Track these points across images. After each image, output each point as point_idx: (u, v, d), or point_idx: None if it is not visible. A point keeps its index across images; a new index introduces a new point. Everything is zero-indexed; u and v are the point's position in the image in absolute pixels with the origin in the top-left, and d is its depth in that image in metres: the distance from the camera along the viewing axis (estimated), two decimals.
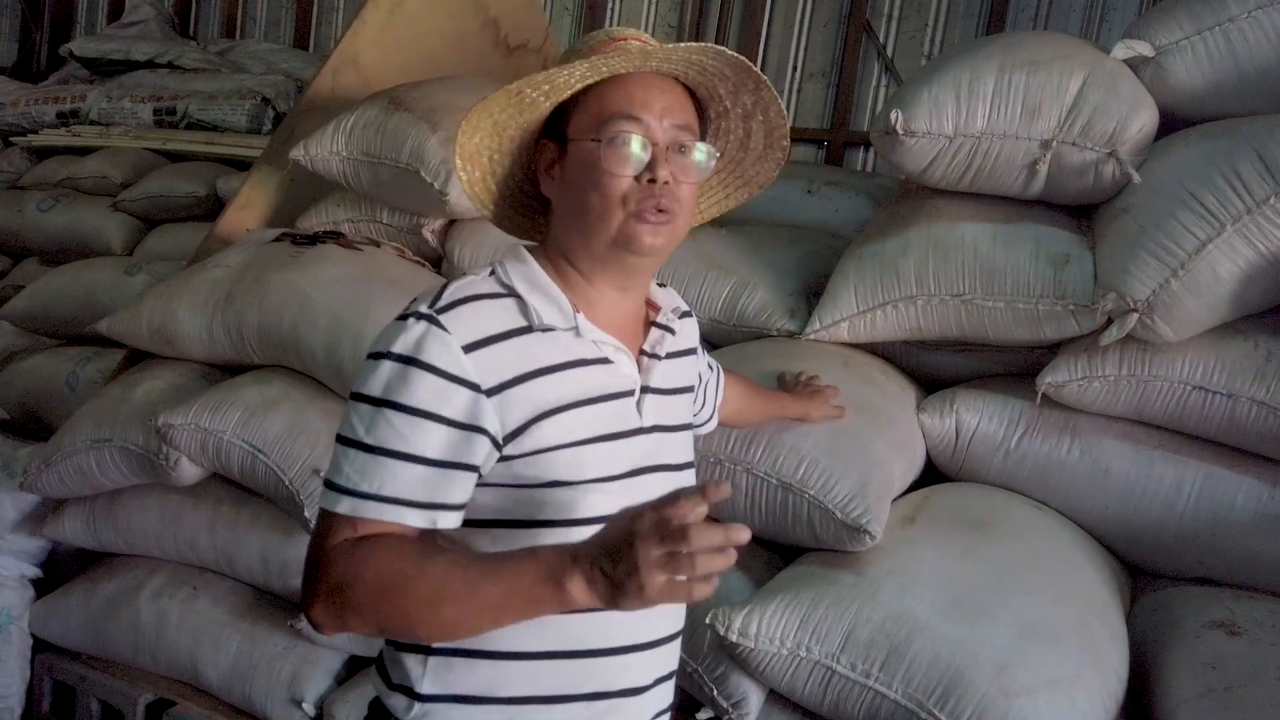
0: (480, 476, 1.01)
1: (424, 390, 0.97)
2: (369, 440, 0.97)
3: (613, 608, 0.85)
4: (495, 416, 0.99)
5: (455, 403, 0.97)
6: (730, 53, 1.05)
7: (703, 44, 1.04)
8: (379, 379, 0.98)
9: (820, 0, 3.98)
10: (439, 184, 2.17)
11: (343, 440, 0.99)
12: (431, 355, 0.97)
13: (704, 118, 1.13)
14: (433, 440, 0.97)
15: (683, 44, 1.03)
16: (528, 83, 1.04)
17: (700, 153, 1.06)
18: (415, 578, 0.93)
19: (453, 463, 0.98)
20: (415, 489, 0.97)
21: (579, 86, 1.05)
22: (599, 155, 1.02)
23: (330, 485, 0.98)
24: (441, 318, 0.99)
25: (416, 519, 0.97)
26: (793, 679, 1.50)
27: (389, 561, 0.94)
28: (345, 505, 0.97)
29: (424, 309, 1.00)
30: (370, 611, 0.94)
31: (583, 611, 0.92)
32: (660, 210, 1.03)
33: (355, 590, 0.93)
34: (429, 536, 1.00)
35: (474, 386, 0.98)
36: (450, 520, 0.99)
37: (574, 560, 0.86)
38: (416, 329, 0.99)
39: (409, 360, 0.97)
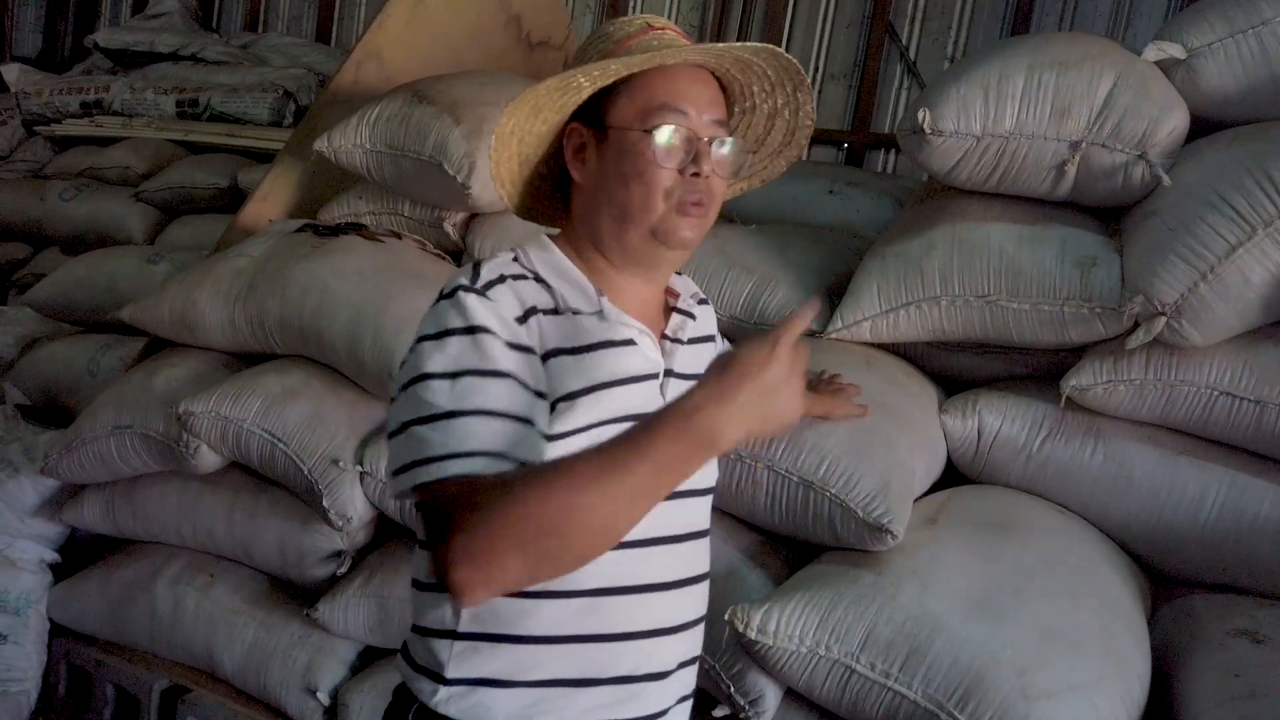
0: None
1: (498, 353, 0.97)
2: (457, 407, 0.93)
3: (765, 434, 0.92)
4: (548, 384, 1.00)
5: (526, 368, 0.98)
6: (785, 55, 1.07)
7: (757, 44, 1.07)
8: (448, 353, 0.96)
9: (843, 1, 3.97)
10: (462, 177, 2.17)
11: (421, 420, 0.94)
12: (493, 324, 0.98)
13: (729, 111, 1.14)
14: (517, 399, 0.96)
15: (737, 43, 1.05)
16: (581, 71, 1.04)
17: (734, 147, 1.08)
18: (560, 482, 0.88)
19: (533, 421, 0.97)
20: (514, 444, 0.94)
21: (625, 73, 1.05)
22: (645, 146, 1.03)
23: (422, 461, 0.93)
24: (488, 293, 1.00)
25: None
26: (811, 678, 1.49)
27: (526, 482, 0.89)
28: (456, 466, 0.92)
29: (467, 283, 1.01)
30: (528, 534, 0.87)
31: (615, 594, 0.99)
32: (697, 204, 1.05)
33: (508, 521, 0.87)
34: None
35: (532, 351, 1.00)
36: None
37: (717, 410, 0.87)
38: (470, 301, 0.99)
39: (474, 329, 0.97)
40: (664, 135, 1.03)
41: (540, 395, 0.99)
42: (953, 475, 1.91)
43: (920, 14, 3.82)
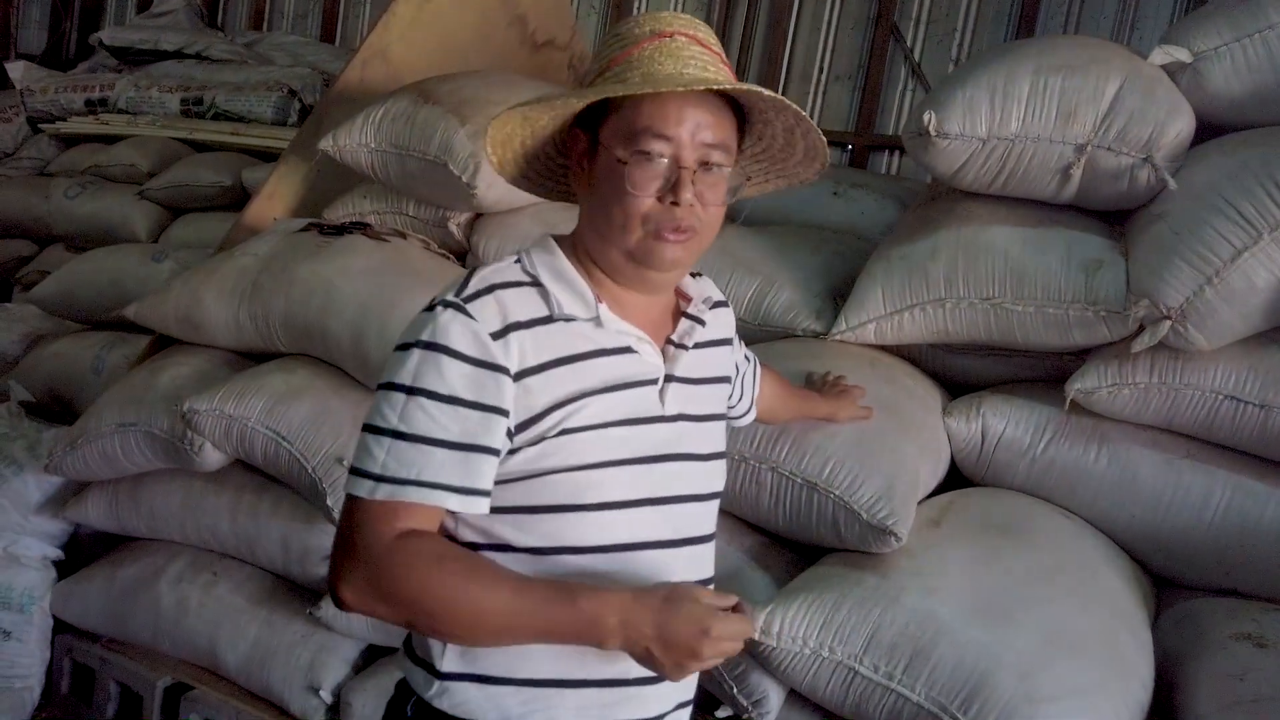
0: (499, 460, 1.01)
1: (455, 376, 0.98)
2: (403, 428, 0.98)
3: (639, 664, 0.99)
4: (515, 402, 1.00)
5: (486, 388, 0.99)
6: (775, 95, 1.04)
7: (751, 87, 1.03)
8: (409, 368, 0.99)
9: (848, 2, 3.97)
10: (467, 177, 2.18)
11: (374, 429, 1.00)
12: (460, 343, 0.99)
13: (746, 117, 1.11)
14: (465, 425, 0.98)
15: (730, 84, 1.01)
16: (576, 94, 1.03)
17: (728, 175, 1.05)
18: (459, 596, 0.96)
19: (483, 446, 0.99)
20: (451, 473, 0.98)
21: (619, 94, 1.02)
22: (622, 171, 1.01)
23: (362, 473, 0.99)
24: (468, 306, 1.00)
25: (455, 503, 0.98)
26: (814, 679, 1.49)
27: (436, 571, 0.96)
28: (383, 491, 0.97)
29: (450, 297, 1.01)
30: (405, 610, 0.97)
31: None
32: (677, 231, 1.02)
33: (398, 588, 0.96)
34: (466, 547, 1.03)
35: (503, 370, 0.99)
36: (483, 505, 1.00)
37: (621, 626, 0.95)
38: (444, 317, 1.00)
39: (438, 348, 0.98)
40: (640, 162, 1.00)
41: (501, 413, 0.99)
42: (956, 478, 1.91)
43: (925, 16, 3.82)
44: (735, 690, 1.57)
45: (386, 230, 2.41)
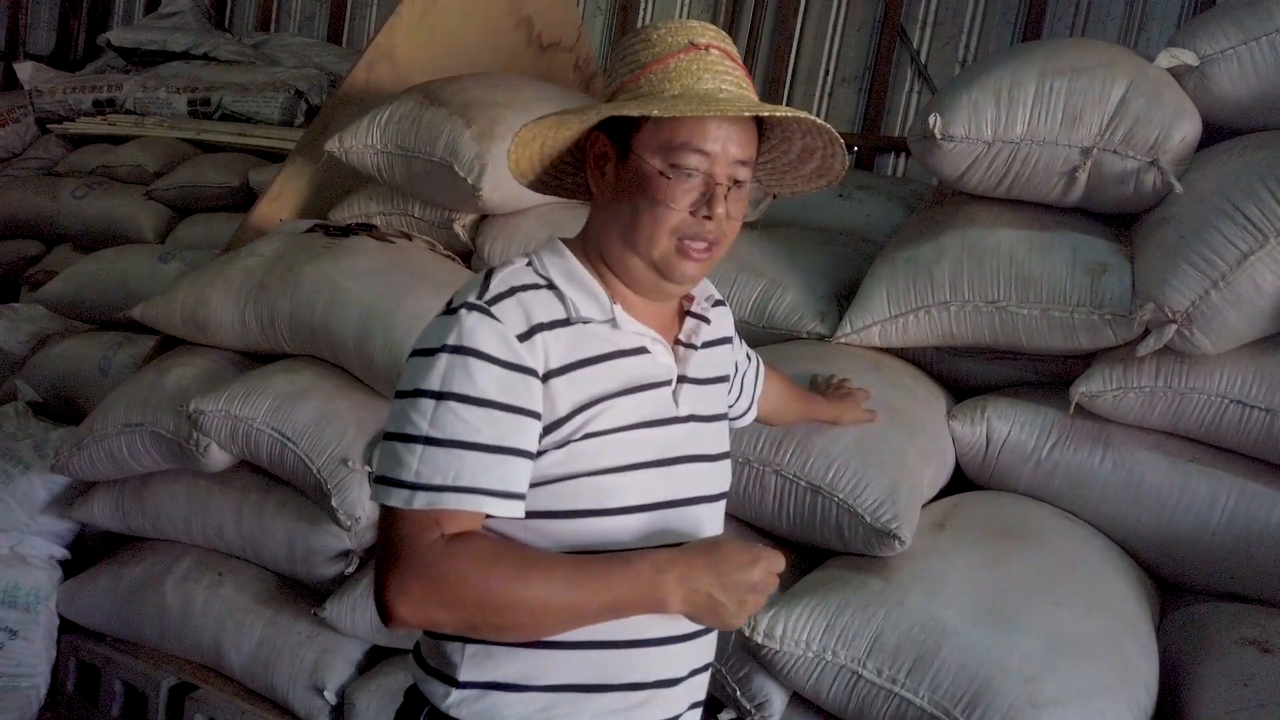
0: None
1: (486, 379, 0.97)
2: (435, 433, 0.95)
3: (700, 621, 1.02)
4: (545, 403, 1.00)
5: (516, 390, 0.98)
6: (825, 124, 1.04)
7: (799, 112, 1.03)
8: (436, 372, 0.97)
9: (854, 4, 3.97)
10: (472, 179, 2.18)
11: (402, 437, 0.97)
12: (489, 345, 0.98)
13: (765, 132, 1.11)
14: (499, 428, 0.97)
15: (780, 108, 1.02)
16: (614, 107, 1.03)
17: (754, 190, 1.07)
18: (522, 589, 0.94)
19: (518, 449, 0.98)
20: (489, 477, 0.96)
21: (657, 115, 1.01)
22: (659, 184, 1.01)
23: (396, 482, 0.96)
24: (493, 308, 0.99)
25: (494, 506, 0.96)
26: (818, 682, 1.49)
27: (493, 568, 0.94)
28: (421, 500, 0.95)
29: (473, 299, 1.00)
30: (469, 613, 0.95)
31: None
32: (703, 248, 1.03)
33: (457, 591, 0.94)
34: (514, 540, 1.01)
35: (531, 372, 0.99)
36: (519, 508, 0.99)
37: (679, 581, 0.98)
38: (469, 320, 0.98)
39: (468, 351, 0.97)
40: (680, 176, 1.01)
41: (533, 415, 0.99)
42: (961, 481, 1.91)
43: (931, 18, 3.82)
44: (739, 693, 1.57)
45: (392, 231, 2.42)
